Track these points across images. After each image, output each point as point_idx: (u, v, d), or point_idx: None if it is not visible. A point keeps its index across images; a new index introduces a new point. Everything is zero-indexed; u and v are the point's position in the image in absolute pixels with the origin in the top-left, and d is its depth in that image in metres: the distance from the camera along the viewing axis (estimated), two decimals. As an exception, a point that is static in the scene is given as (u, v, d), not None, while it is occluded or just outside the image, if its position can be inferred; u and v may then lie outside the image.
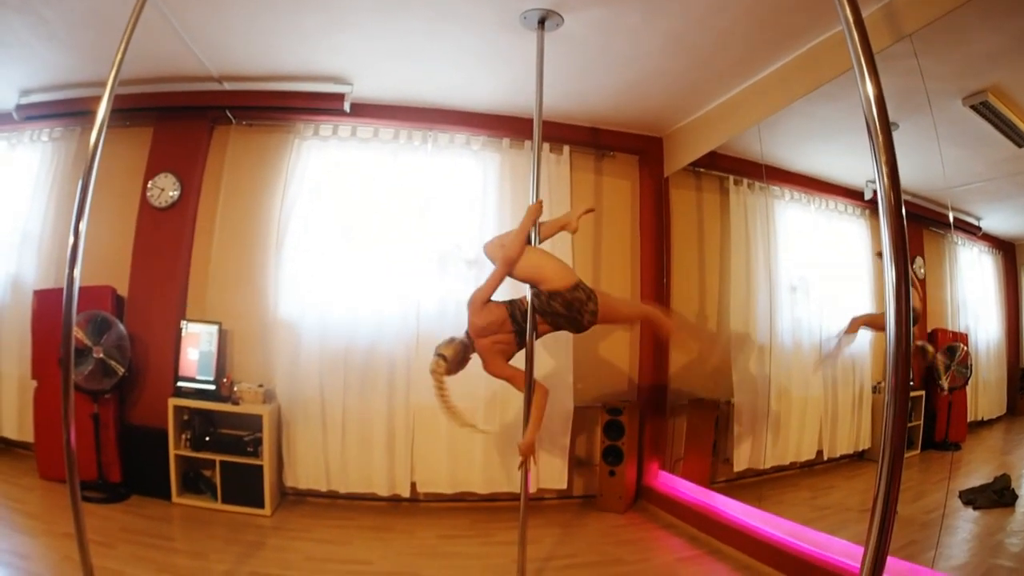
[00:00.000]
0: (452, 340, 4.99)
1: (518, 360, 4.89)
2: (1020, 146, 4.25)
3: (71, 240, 3.46)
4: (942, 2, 4.11)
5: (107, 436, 6.61)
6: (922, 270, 4.94)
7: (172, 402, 6.65)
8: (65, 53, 6.36)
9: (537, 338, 4.86)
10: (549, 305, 4.59)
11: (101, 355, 6.35)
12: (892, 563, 4.18)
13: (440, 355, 4.85)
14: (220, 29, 5.87)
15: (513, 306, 4.81)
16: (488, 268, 4.89)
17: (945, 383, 4.81)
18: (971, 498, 4.35)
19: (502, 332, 4.80)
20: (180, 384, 6.87)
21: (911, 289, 2.49)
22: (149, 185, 7.20)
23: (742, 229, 6.84)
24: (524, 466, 4.70)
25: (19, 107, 7.34)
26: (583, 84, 6.59)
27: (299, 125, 7.45)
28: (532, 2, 5.07)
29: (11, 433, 7.41)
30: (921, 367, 4.88)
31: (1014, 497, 4.23)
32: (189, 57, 6.38)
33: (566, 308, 4.57)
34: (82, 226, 3.50)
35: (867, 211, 5.61)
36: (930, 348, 4.86)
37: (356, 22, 5.59)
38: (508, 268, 4.69)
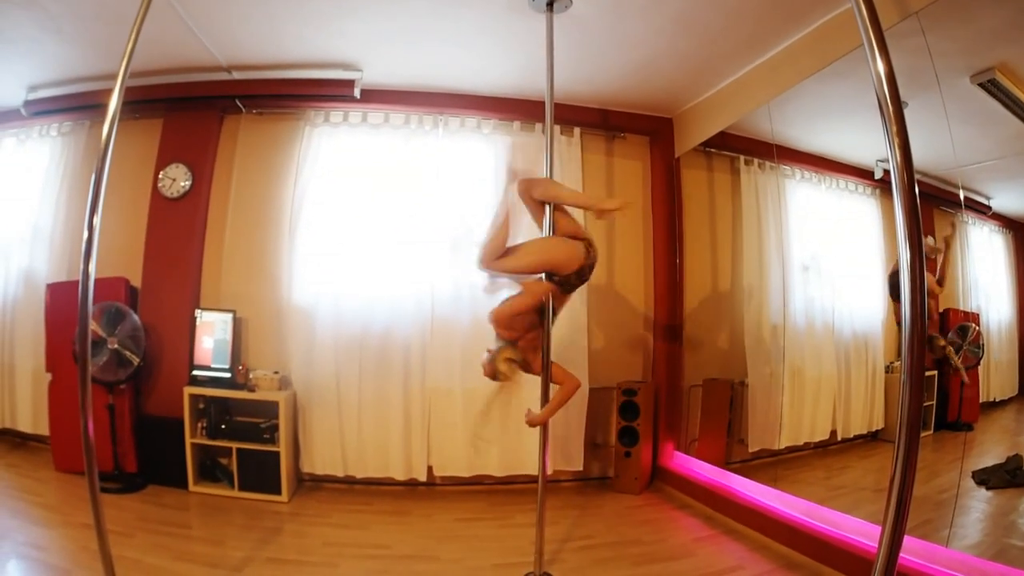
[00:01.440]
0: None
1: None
2: (1029, 124, 4.25)
3: (85, 234, 3.46)
4: (949, -22, 4.12)
5: (123, 426, 6.66)
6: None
7: (188, 391, 6.68)
8: (72, 47, 6.37)
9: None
10: (571, 282, 4.64)
11: (116, 346, 6.40)
12: (908, 541, 4.19)
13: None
14: (228, 18, 5.88)
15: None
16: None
17: (959, 365, 4.80)
18: (984, 478, 4.35)
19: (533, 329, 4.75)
20: (195, 373, 6.91)
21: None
22: (160, 176, 7.23)
23: (753, 209, 6.83)
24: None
25: (27, 103, 7.37)
26: (593, 66, 6.58)
27: (310, 112, 7.46)
28: (541, -16, 5.10)
29: (26, 427, 7.47)
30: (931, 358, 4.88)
31: (1027, 477, 4.24)
32: (197, 47, 6.39)
33: (581, 278, 4.65)
34: (96, 220, 3.49)
35: (877, 190, 5.59)
36: (940, 340, 4.86)
37: (364, 7, 5.60)
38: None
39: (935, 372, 4.87)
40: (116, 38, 5.30)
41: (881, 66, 2.59)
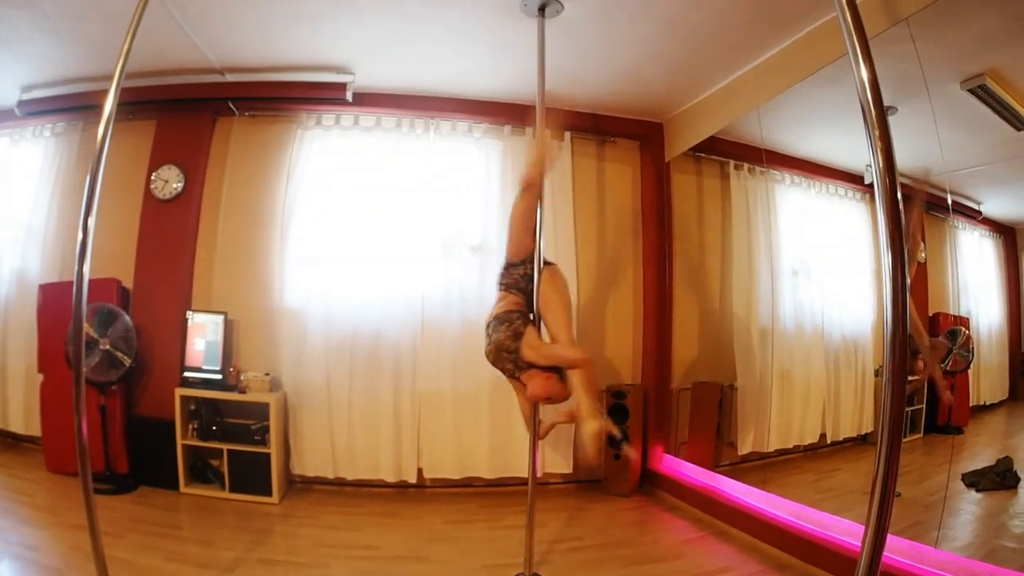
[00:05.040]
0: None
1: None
2: (1019, 129, 4.26)
3: (80, 236, 3.46)
4: (938, -15, 4.14)
5: (114, 427, 6.66)
6: (923, 254, 4.96)
7: (179, 392, 6.70)
8: (67, 47, 6.39)
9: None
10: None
11: (107, 347, 6.40)
12: (897, 543, 4.23)
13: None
14: (222, 20, 5.90)
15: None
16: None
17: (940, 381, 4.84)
18: (974, 480, 4.38)
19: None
20: (187, 374, 6.91)
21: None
22: (153, 177, 7.24)
23: (743, 213, 6.86)
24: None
25: (21, 103, 7.37)
26: (584, 70, 6.60)
27: (302, 115, 7.48)
28: (533, -11, 5.13)
29: (18, 427, 7.47)
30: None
31: (1016, 479, 4.26)
32: (191, 49, 6.40)
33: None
34: (91, 221, 3.49)
35: (867, 195, 5.62)
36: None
37: (357, 10, 5.62)
38: None
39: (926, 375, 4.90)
40: (110, 39, 5.32)
41: (865, 73, 2.61)
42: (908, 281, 2.49)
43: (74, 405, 3.54)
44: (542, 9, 5.23)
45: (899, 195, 2.51)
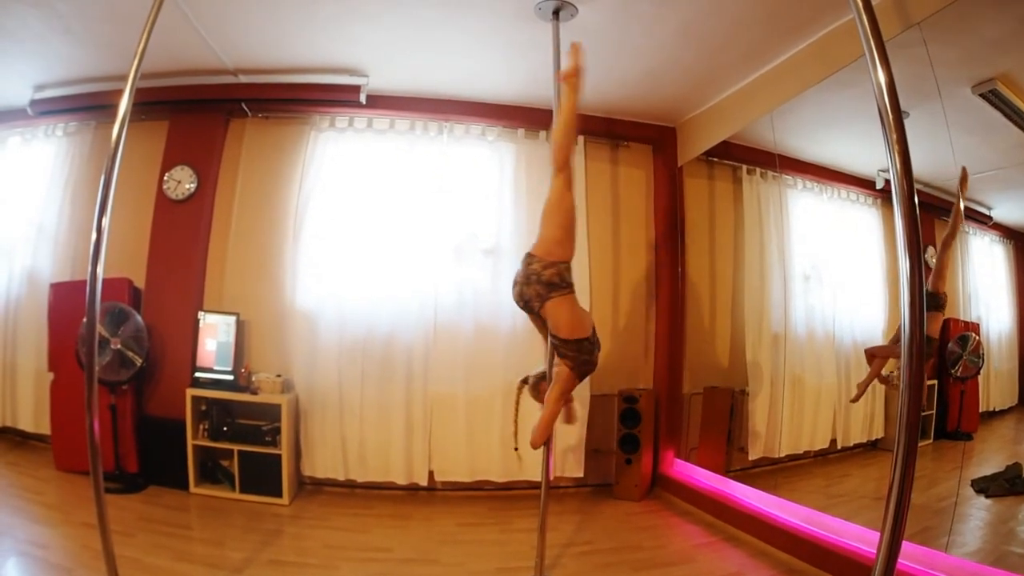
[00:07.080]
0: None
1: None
2: (1030, 134, 4.27)
3: (94, 236, 3.46)
4: (950, -11, 4.14)
5: (124, 427, 6.66)
6: (934, 259, 4.95)
7: (190, 392, 6.70)
8: (79, 47, 6.40)
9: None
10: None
11: (119, 346, 6.40)
12: (907, 548, 4.20)
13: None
14: (235, 22, 5.91)
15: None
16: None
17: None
18: (983, 486, 4.37)
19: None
20: (198, 375, 6.92)
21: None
22: (165, 178, 7.26)
23: (755, 218, 6.85)
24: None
25: (33, 102, 7.39)
26: (597, 74, 6.56)
27: (315, 117, 7.49)
28: (547, -7, 5.13)
29: (27, 426, 7.50)
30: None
31: (1026, 485, 4.26)
32: (204, 50, 6.41)
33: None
34: (105, 221, 3.50)
35: (879, 200, 5.62)
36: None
37: (372, 13, 5.61)
38: None
39: (935, 382, 4.88)
40: (124, 39, 5.33)
41: (882, 76, 2.61)
42: (925, 287, 2.49)
43: (86, 404, 3.54)
44: (556, 13, 5.23)
45: (916, 199, 2.50)
